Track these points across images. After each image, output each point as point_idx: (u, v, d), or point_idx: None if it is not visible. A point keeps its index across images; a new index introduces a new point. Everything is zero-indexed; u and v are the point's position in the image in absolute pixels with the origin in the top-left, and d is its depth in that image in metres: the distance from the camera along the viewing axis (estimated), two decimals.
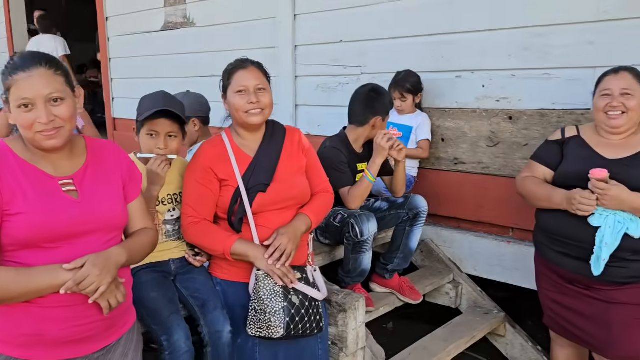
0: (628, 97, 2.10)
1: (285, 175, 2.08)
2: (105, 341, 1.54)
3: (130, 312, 1.67)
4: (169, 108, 1.96)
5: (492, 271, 3.00)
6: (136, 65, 5.29)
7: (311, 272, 2.08)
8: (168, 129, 2.00)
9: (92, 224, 1.48)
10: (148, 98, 2.03)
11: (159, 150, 2.00)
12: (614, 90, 2.13)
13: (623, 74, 2.14)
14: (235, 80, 2.03)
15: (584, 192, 2.04)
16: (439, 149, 3.15)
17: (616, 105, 2.11)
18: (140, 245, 1.62)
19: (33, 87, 1.39)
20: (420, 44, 3.15)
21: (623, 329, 2.10)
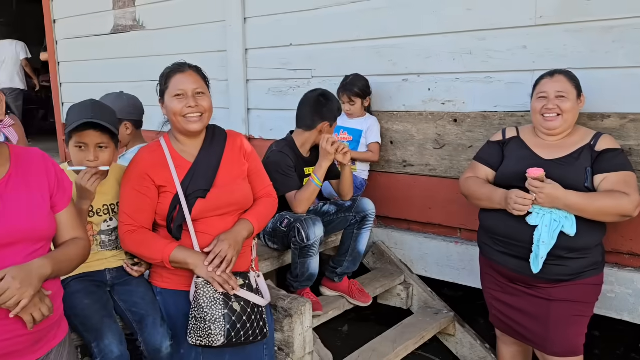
0: (563, 100, 2.17)
1: (225, 181, 2.05)
2: (32, 356, 1.48)
3: (61, 325, 1.61)
4: (97, 120, 1.87)
5: (441, 272, 3.04)
6: (86, 69, 5.15)
7: (254, 278, 2.06)
8: (97, 140, 1.92)
9: (14, 235, 1.42)
10: (76, 108, 1.94)
11: (88, 162, 1.91)
12: (549, 93, 2.19)
13: (558, 77, 2.21)
14: (173, 84, 1.99)
15: (520, 192, 2.09)
16: (388, 151, 3.18)
17: (551, 108, 2.18)
18: (68, 255, 1.55)
19: None
20: (369, 47, 3.17)
21: (561, 325, 2.16)
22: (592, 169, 2.14)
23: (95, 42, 4.98)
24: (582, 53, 2.45)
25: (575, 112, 2.22)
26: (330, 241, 2.98)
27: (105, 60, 4.94)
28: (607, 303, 2.47)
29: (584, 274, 2.14)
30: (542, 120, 2.23)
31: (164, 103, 2.04)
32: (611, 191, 2.07)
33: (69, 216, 1.61)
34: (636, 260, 2.46)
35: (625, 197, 2.04)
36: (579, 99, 2.22)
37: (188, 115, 1.97)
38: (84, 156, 1.91)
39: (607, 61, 2.39)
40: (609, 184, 2.09)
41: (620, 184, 2.08)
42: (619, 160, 2.14)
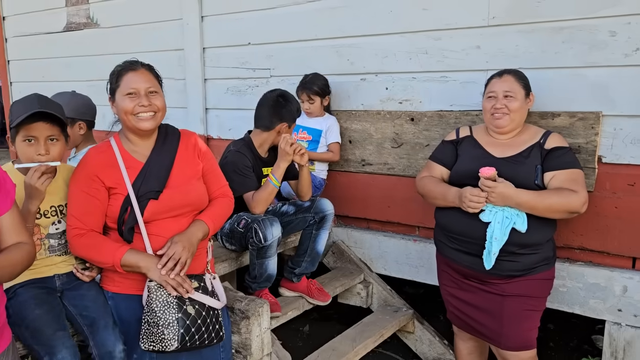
0: (510, 99, 2.22)
1: (179, 181, 2.00)
2: None
3: (4, 334, 1.54)
4: (43, 109, 1.80)
5: (400, 270, 3.07)
6: (37, 67, 4.97)
7: (210, 280, 2.02)
8: (47, 133, 1.84)
9: None
10: (20, 102, 1.86)
11: (40, 157, 1.83)
12: (497, 93, 2.24)
13: (506, 77, 2.26)
14: (125, 83, 1.93)
15: (473, 189, 2.12)
16: (347, 150, 3.18)
17: (499, 107, 2.23)
18: (10, 260, 1.47)
19: None
20: (327, 47, 3.17)
21: (514, 320, 2.21)
22: (542, 167, 2.19)
23: (48, 39, 4.81)
24: (533, 53, 2.51)
25: (524, 111, 2.27)
26: (289, 241, 2.96)
27: (58, 59, 4.78)
28: (559, 297, 2.54)
29: (535, 269, 2.19)
30: (491, 119, 2.28)
31: (115, 102, 1.97)
32: (560, 188, 2.13)
33: (11, 220, 1.53)
34: (586, 255, 2.53)
35: (574, 195, 2.10)
36: (527, 98, 2.27)
37: (140, 114, 1.92)
38: (34, 150, 1.83)
39: (557, 61, 2.46)
40: (557, 182, 2.15)
41: (568, 182, 2.13)
42: (567, 158, 2.20)
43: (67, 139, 1.96)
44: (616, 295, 2.41)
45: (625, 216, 2.38)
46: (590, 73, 2.39)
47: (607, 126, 2.38)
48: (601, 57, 2.35)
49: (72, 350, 1.78)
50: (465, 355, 2.56)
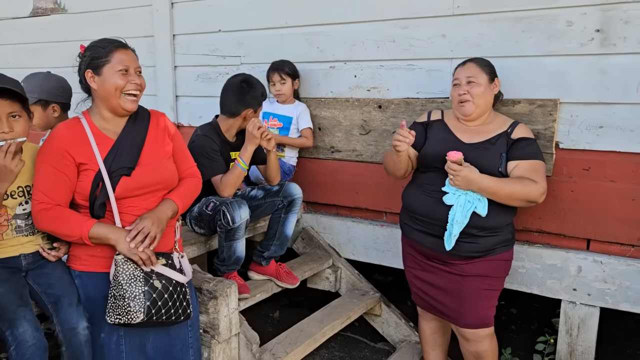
0: (472, 85, 2.29)
1: (150, 159, 2.02)
2: None
3: None
4: (3, 85, 1.79)
5: (368, 254, 3.13)
6: (3, 54, 4.85)
7: (178, 258, 2.04)
8: (8, 110, 1.83)
9: None
10: None
11: (4, 135, 1.82)
12: (461, 79, 2.32)
13: (469, 65, 2.34)
14: (117, 59, 1.95)
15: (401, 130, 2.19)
16: (317, 137, 3.22)
17: (462, 93, 2.30)
18: None
19: None
20: (297, 34, 3.20)
21: (472, 298, 2.29)
22: (506, 155, 2.27)
23: (13, 25, 4.71)
24: (495, 42, 2.59)
25: (488, 97, 2.34)
26: (258, 226, 2.99)
27: (24, 45, 4.68)
28: (518, 278, 2.64)
29: (494, 251, 2.28)
30: (458, 106, 2.36)
31: (100, 76, 1.95)
32: (521, 178, 2.21)
33: None
34: (544, 238, 2.63)
35: (533, 184, 2.18)
36: (492, 84, 2.35)
37: (131, 91, 1.96)
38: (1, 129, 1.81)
39: (517, 50, 2.54)
40: (520, 171, 2.23)
41: (530, 172, 2.22)
42: (531, 149, 2.28)
43: (31, 115, 1.95)
44: (571, 275, 2.51)
45: (581, 199, 2.49)
46: (548, 61, 2.48)
47: (564, 113, 2.47)
48: (559, 46, 2.44)
49: (34, 324, 1.78)
50: (428, 335, 2.64)
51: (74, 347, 1.87)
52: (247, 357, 2.39)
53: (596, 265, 2.45)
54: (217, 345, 2.24)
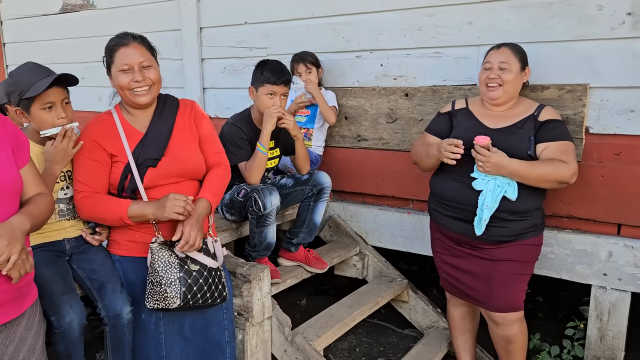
0: (505, 71, 2.30)
1: (177, 149, 2.07)
2: (12, 314, 1.51)
3: (33, 286, 1.64)
4: (59, 74, 1.89)
5: (394, 242, 3.15)
6: (34, 50, 4.99)
7: (212, 243, 2.10)
8: (62, 96, 1.94)
9: None
10: (23, 72, 1.91)
11: (62, 120, 1.92)
12: (493, 64, 2.32)
13: (503, 49, 2.34)
14: (119, 58, 1.99)
15: (450, 139, 2.22)
16: (343, 126, 3.25)
17: (493, 77, 2.30)
18: (40, 210, 1.57)
19: None
20: (322, 25, 3.23)
21: (502, 283, 2.31)
22: (534, 138, 2.28)
23: (44, 22, 4.83)
24: (524, 28, 2.59)
25: (517, 84, 2.35)
26: (287, 214, 3.04)
27: (54, 41, 4.80)
28: (547, 263, 2.64)
29: (524, 235, 2.29)
30: (485, 90, 2.36)
31: (111, 77, 2.04)
32: (551, 159, 2.21)
33: (31, 172, 1.62)
34: (574, 223, 2.63)
35: (564, 165, 2.18)
36: (523, 72, 2.35)
37: (135, 89, 1.99)
38: (55, 115, 1.92)
39: (546, 35, 2.53)
40: (549, 153, 2.23)
41: (560, 153, 2.22)
42: (559, 130, 2.28)
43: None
44: (602, 260, 2.51)
45: (611, 184, 2.48)
46: (578, 46, 2.47)
47: (594, 98, 2.46)
48: (589, 31, 2.43)
49: (80, 312, 1.86)
50: (457, 320, 2.66)
51: (117, 329, 1.96)
52: (279, 339, 2.44)
53: (627, 250, 2.45)
54: (250, 327, 2.30)
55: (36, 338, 1.61)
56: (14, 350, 1.54)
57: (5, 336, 1.51)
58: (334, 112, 3.15)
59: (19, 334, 1.55)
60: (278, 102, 2.57)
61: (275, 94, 2.57)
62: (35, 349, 1.60)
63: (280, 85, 2.57)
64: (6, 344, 1.51)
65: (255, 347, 2.36)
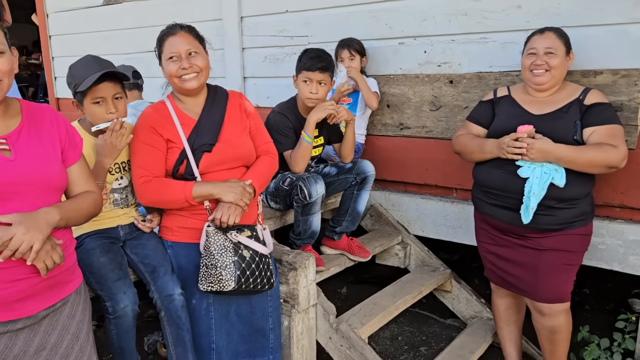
0: (551, 56, 2.23)
1: (229, 136, 2.11)
2: (49, 301, 1.54)
3: (75, 274, 1.67)
4: (109, 69, 1.92)
5: (437, 231, 3.13)
6: (78, 42, 5.11)
7: (261, 230, 2.13)
8: (113, 92, 1.96)
9: (26, 183, 1.45)
10: (79, 65, 1.96)
11: (111, 115, 1.96)
12: (538, 49, 2.26)
13: (548, 34, 2.27)
14: (167, 47, 2.04)
15: (512, 134, 2.17)
16: (385, 115, 3.23)
17: (540, 64, 2.24)
18: (77, 205, 1.59)
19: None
20: (365, 12, 3.20)
21: (549, 273, 2.26)
22: (581, 123, 2.21)
23: (88, 14, 4.94)
24: (575, 11, 2.50)
25: (563, 69, 2.28)
26: (329, 203, 3.04)
27: (98, 33, 4.90)
28: (597, 254, 2.57)
29: (573, 224, 2.23)
30: (530, 75, 2.30)
31: (162, 66, 2.09)
32: (600, 143, 2.14)
33: (80, 170, 1.65)
34: (626, 213, 2.55)
35: (613, 149, 2.12)
36: (567, 56, 2.28)
37: (183, 76, 2.03)
38: (105, 110, 1.95)
39: (600, 18, 2.44)
40: (597, 137, 2.17)
41: (608, 137, 2.15)
42: (607, 113, 2.21)
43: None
44: None
45: None
46: (633, 29, 2.37)
47: None
48: None
49: (133, 298, 1.92)
50: (502, 311, 2.63)
51: (172, 312, 2.01)
52: (324, 327, 2.46)
53: None
54: (296, 314, 2.33)
55: (80, 326, 1.64)
56: (57, 338, 1.57)
57: (47, 324, 1.54)
58: (376, 98, 3.12)
59: (62, 323, 1.58)
60: (314, 89, 2.55)
61: (311, 80, 2.55)
62: (79, 337, 1.63)
63: (316, 71, 2.53)
64: (49, 332, 1.55)
65: (301, 333, 2.39)
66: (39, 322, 1.52)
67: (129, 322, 1.92)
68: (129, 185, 2.13)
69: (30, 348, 1.51)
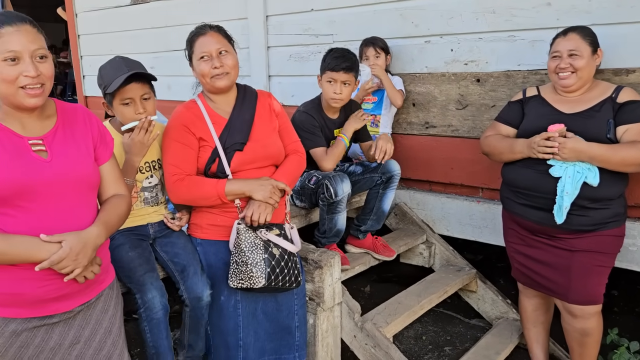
0: (575, 58, 2.20)
1: (260, 135, 2.13)
2: (84, 298, 1.59)
3: (109, 270, 1.72)
4: (136, 70, 1.95)
5: (463, 230, 3.10)
6: (106, 41, 5.20)
7: (289, 229, 2.15)
8: (141, 92, 1.99)
9: (62, 183, 1.50)
10: (108, 67, 2.00)
11: (140, 115, 1.99)
12: (562, 52, 2.23)
13: (571, 35, 2.23)
14: (197, 47, 2.07)
15: (543, 133, 2.14)
16: (410, 113, 3.21)
17: (564, 67, 2.21)
18: (117, 216, 1.64)
19: (20, 41, 1.41)
20: (390, 10, 3.19)
21: (582, 274, 2.23)
22: (614, 121, 2.17)
23: (115, 13, 5.03)
24: (607, 8, 2.45)
25: (591, 68, 2.24)
26: (354, 201, 3.05)
27: (126, 32, 4.98)
28: (628, 256, 2.52)
29: (606, 225, 2.20)
30: (557, 78, 2.27)
31: (193, 66, 2.11)
32: (634, 142, 2.11)
33: (111, 169, 1.69)
34: None
35: None
36: (595, 55, 2.24)
37: (215, 75, 2.05)
38: (133, 110, 1.99)
39: (632, 16, 2.39)
40: (631, 135, 2.13)
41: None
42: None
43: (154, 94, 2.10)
44: None
45: None
46: None
47: None
48: None
49: (160, 291, 1.96)
50: (530, 312, 2.60)
51: (197, 310, 2.05)
52: (349, 325, 2.47)
53: None
54: (322, 312, 2.34)
55: (112, 320, 1.68)
56: (91, 332, 1.62)
57: (82, 319, 1.59)
58: (401, 95, 3.11)
59: (95, 317, 1.63)
60: (338, 89, 2.56)
61: (335, 81, 2.56)
62: (111, 332, 1.67)
63: (340, 72, 2.54)
64: (82, 326, 1.60)
65: (326, 331, 2.40)
66: (74, 316, 1.57)
67: (159, 316, 1.94)
68: (159, 184, 2.16)
69: (65, 341, 1.55)
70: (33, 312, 1.49)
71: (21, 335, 1.48)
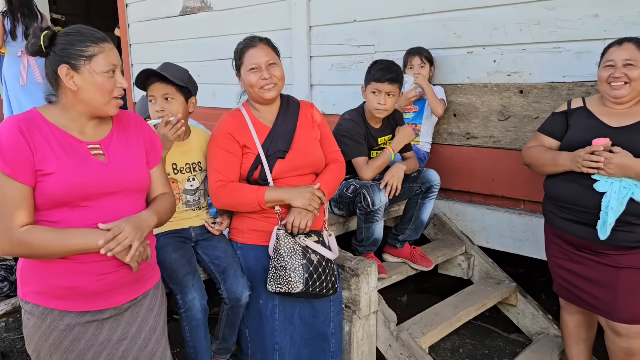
0: (631, 68, 2.14)
1: (301, 144, 2.19)
2: (133, 294, 1.67)
3: (155, 270, 1.80)
4: (159, 71, 2.06)
5: (503, 243, 3.06)
6: (156, 50, 5.40)
7: (327, 236, 2.19)
8: (162, 92, 2.10)
9: (119, 185, 1.60)
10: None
11: (157, 113, 2.10)
12: (617, 62, 2.17)
13: (627, 45, 2.18)
14: (247, 59, 2.14)
15: (588, 148, 2.10)
16: (452, 124, 3.21)
17: (619, 77, 2.16)
18: (165, 208, 1.74)
19: (116, 56, 1.60)
20: (433, 21, 3.20)
21: (629, 292, 2.17)
22: None
23: (165, 24, 5.22)
24: None
25: None
26: (392, 211, 3.06)
27: (175, 42, 5.16)
28: None
29: None
30: (609, 89, 2.22)
31: (241, 77, 2.19)
32: None
33: (159, 173, 1.79)
34: None
35: None
36: None
37: (264, 86, 2.12)
38: (154, 108, 2.11)
39: None
40: None
41: None
42: None
43: (189, 99, 2.18)
44: None
45: None
46: None
47: None
48: None
49: (201, 293, 2.03)
50: (572, 328, 2.54)
51: (235, 309, 2.12)
52: (385, 334, 2.48)
53: None
54: (358, 320, 2.36)
55: (157, 319, 1.76)
56: (137, 329, 1.69)
57: (129, 316, 1.67)
58: (443, 105, 3.11)
59: (142, 315, 1.71)
60: (383, 100, 2.60)
61: (379, 92, 2.61)
62: (156, 330, 1.75)
63: (385, 83, 2.58)
64: (130, 323, 1.68)
65: (362, 339, 2.42)
66: (122, 313, 1.65)
67: (199, 317, 2.02)
68: (201, 188, 2.25)
69: (113, 337, 1.64)
70: (86, 305, 1.57)
71: (75, 329, 1.57)
